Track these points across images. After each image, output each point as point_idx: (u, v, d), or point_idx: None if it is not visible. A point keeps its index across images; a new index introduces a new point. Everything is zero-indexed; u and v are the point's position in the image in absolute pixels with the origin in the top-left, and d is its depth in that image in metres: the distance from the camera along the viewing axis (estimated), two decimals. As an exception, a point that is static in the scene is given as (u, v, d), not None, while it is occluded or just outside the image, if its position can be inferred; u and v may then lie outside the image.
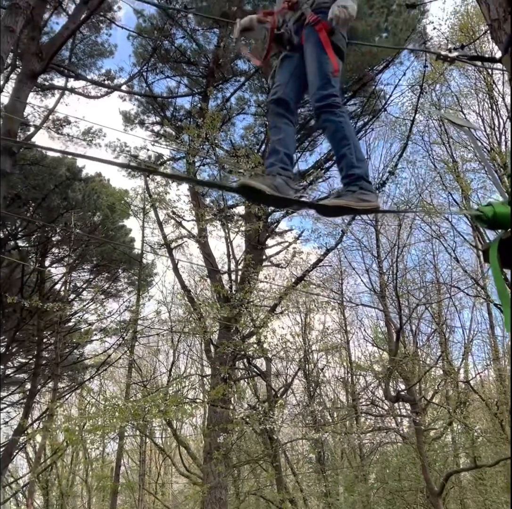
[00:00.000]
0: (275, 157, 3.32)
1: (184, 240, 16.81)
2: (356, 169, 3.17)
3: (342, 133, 3.20)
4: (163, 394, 11.98)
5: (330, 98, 3.22)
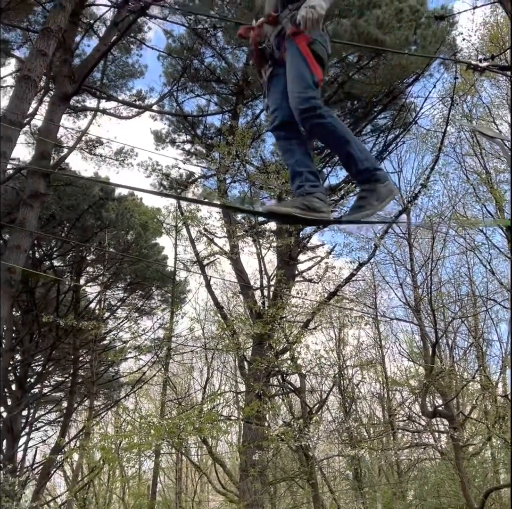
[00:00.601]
0: (299, 178, 3.29)
1: (216, 257, 16.87)
2: (365, 162, 3.12)
3: (337, 133, 3.14)
4: (197, 411, 11.98)
5: (312, 100, 3.14)
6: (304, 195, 3.16)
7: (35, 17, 16.47)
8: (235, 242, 14.55)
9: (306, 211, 3.06)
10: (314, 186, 3.23)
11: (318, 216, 3.09)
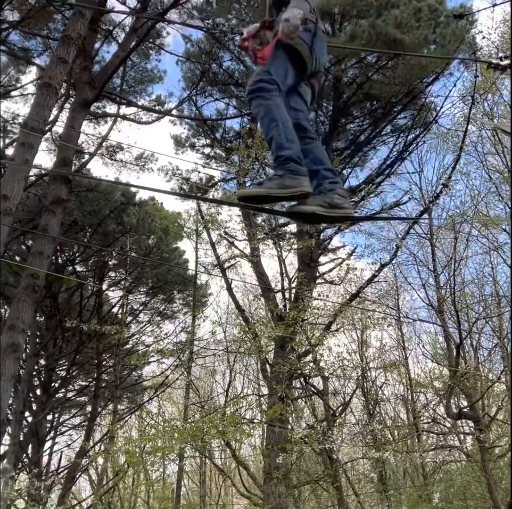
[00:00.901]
0: (316, 177, 3.26)
1: (237, 260, 16.88)
2: (285, 150, 3.00)
3: (271, 115, 3.08)
4: (220, 414, 11.98)
5: (260, 83, 3.14)
6: (324, 193, 3.14)
7: (55, 24, 16.64)
8: (255, 245, 14.55)
9: (328, 209, 3.04)
10: (332, 183, 3.21)
11: (341, 213, 3.07)
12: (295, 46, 3.27)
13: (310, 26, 3.36)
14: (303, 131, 3.38)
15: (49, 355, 18.94)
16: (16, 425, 16.09)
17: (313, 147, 3.36)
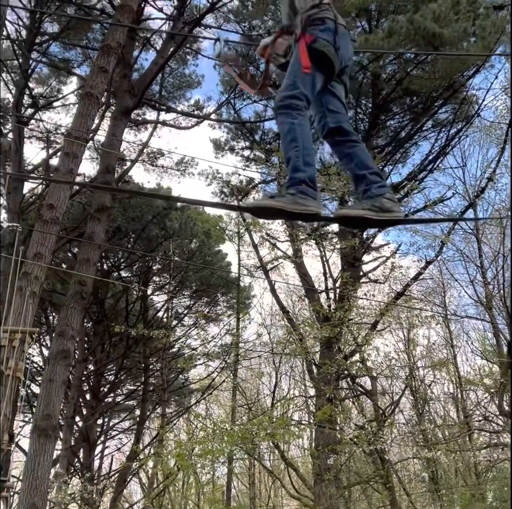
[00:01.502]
0: (363, 182, 3.21)
1: (279, 261, 16.86)
2: (300, 173, 2.98)
3: (292, 134, 3.04)
4: (268, 416, 11.97)
5: (289, 99, 3.09)
6: (373, 198, 3.10)
7: (94, 34, 16.91)
8: (298, 246, 14.52)
9: (379, 213, 3.00)
10: (381, 187, 3.14)
11: (391, 216, 3.02)
12: (321, 49, 3.21)
13: (330, 24, 3.31)
14: (346, 134, 3.33)
15: (97, 360, 19.23)
16: (67, 430, 16.36)
17: (358, 151, 3.29)
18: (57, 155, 16.03)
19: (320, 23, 3.29)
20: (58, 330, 11.63)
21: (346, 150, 3.30)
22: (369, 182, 3.17)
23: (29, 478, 9.98)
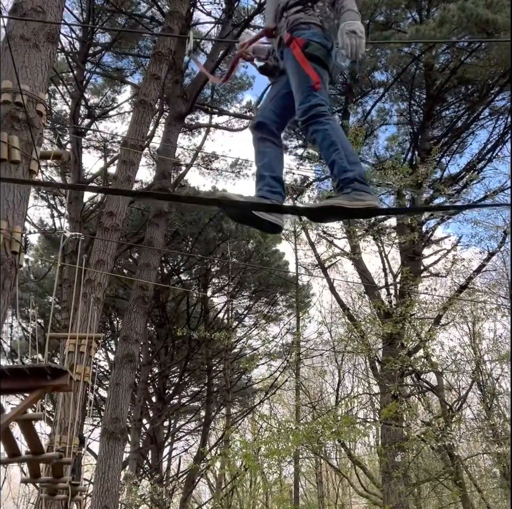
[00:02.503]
0: (261, 182, 3.19)
1: (337, 259, 16.76)
2: (348, 172, 2.94)
3: (329, 139, 3.01)
4: (332, 415, 11.91)
5: (314, 108, 3.05)
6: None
7: (144, 42, 17.17)
8: (356, 242, 14.39)
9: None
10: (272, 192, 3.13)
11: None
12: (314, 53, 3.15)
13: (314, 30, 3.25)
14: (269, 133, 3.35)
15: (161, 363, 19.53)
16: (135, 432, 16.68)
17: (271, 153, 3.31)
18: (114, 163, 16.36)
19: (306, 27, 3.25)
20: (122, 334, 11.87)
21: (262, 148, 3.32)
22: (266, 184, 3.18)
23: (100, 481, 10.23)
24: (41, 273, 18.43)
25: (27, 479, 6.31)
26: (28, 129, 5.06)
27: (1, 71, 5.34)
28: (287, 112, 3.41)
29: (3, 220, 4.68)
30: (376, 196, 2.97)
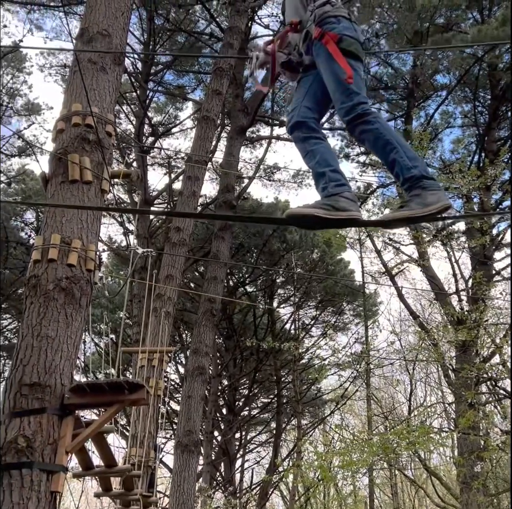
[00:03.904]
0: (322, 180, 3.05)
1: (405, 266, 16.51)
2: (413, 169, 2.83)
3: (383, 139, 2.90)
4: (406, 425, 11.68)
5: (359, 107, 2.96)
6: (329, 196, 2.92)
7: (204, 58, 17.44)
8: (424, 248, 14.13)
9: (330, 211, 2.82)
10: (339, 185, 2.98)
11: (345, 215, 2.83)
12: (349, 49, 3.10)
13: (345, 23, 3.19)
14: (310, 130, 3.22)
15: (231, 375, 19.64)
16: (207, 445, 16.79)
17: (321, 148, 3.16)
18: (179, 179, 16.63)
19: (335, 21, 3.18)
20: (192, 347, 12.00)
21: (309, 147, 3.17)
22: (328, 180, 3.02)
23: (176, 494, 10.33)
24: (111, 289, 18.86)
25: (100, 493, 6.41)
26: (99, 150, 5.19)
27: (70, 95, 5.51)
28: (321, 107, 3.34)
29: (78, 239, 4.81)
30: (445, 192, 2.86)
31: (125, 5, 6.07)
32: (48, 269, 4.64)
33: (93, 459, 4.93)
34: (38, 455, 4.01)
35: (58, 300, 4.53)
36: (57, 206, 4.91)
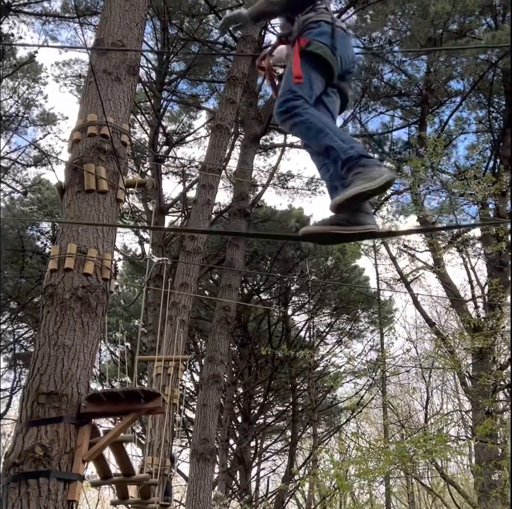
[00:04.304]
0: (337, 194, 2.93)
1: (420, 272, 16.43)
2: (349, 150, 2.74)
3: (314, 128, 2.84)
4: (423, 433, 11.59)
5: (288, 102, 2.91)
6: None
7: (218, 67, 17.52)
8: (439, 255, 14.07)
9: (347, 227, 2.73)
10: None
11: (362, 230, 2.73)
12: (316, 51, 3.01)
13: (325, 27, 3.11)
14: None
15: (246, 383, 19.60)
16: (223, 453, 16.76)
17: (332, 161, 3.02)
18: (193, 187, 16.67)
19: (315, 26, 3.12)
20: (207, 355, 12.01)
21: (323, 161, 3.07)
22: None
23: (192, 502, 10.31)
24: (126, 297, 18.93)
25: (117, 501, 6.42)
26: (114, 159, 5.22)
27: (86, 105, 5.55)
28: None
29: (94, 248, 4.83)
30: (387, 168, 2.76)
31: (140, 16, 6.12)
32: (64, 278, 4.66)
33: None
34: (55, 464, 4.02)
35: (74, 309, 4.56)
36: (68, 222, 4.93)
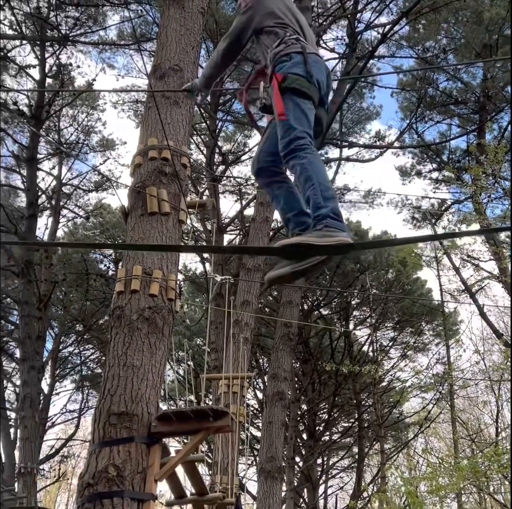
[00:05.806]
0: (291, 226, 3.14)
1: (485, 282, 16.06)
2: (322, 209, 2.82)
3: (305, 174, 2.91)
4: (495, 447, 11.25)
5: (292, 143, 2.97)
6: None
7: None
8: (505, 264, 13.72)
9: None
10: (304, 230, 3.02)
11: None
12: (292, 86, 3.08)
13: (297, 58, 3.17)
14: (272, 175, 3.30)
15: (310, 400, 19.47)
16: (289, 471, 16.65)
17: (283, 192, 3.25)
18: (249, 205, 16.77)
19: (287, 59, 3.18)
20: (270, 372, 12.00)
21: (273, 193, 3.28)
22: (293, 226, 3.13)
23: (261, 521, 10.27)
24: (188, 316, 19.12)
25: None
26: (175, 182, 5.31)
27: (146, 130, 5.68)
28: None
29: (158, 270, 4.92)
30: (349, 233, 2.85)
31: (195, 40, 6.24)
32: (131, 299, 4.76)
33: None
34: (128, 483, 4.07)
35: (142, 330, 4.64)
36: (135, 249, 5.04)
